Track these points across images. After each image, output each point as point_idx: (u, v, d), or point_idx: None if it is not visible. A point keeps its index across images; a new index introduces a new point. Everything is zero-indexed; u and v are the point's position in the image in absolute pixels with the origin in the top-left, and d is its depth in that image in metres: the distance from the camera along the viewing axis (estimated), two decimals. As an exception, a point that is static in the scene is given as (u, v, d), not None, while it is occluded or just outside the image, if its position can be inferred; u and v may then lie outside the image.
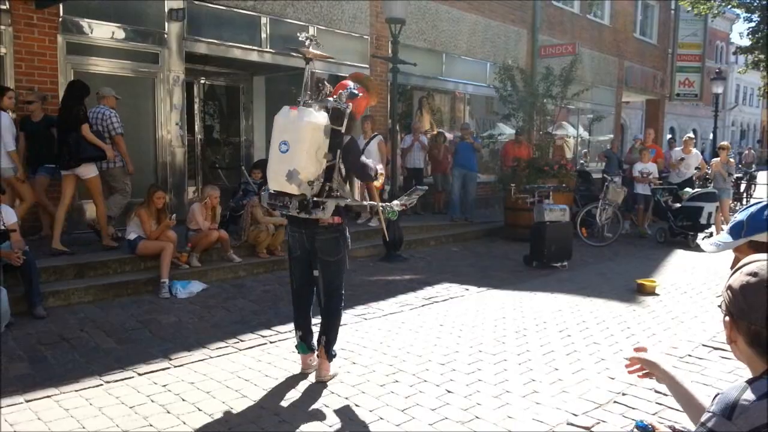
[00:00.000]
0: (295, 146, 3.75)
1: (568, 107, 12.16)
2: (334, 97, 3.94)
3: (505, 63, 11.61)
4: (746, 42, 21.70)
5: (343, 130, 3.91)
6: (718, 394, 1.25)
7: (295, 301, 4.36)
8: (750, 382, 1.22)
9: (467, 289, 6.83)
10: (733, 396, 1.18)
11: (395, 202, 4.47)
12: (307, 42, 4.11)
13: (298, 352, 4.34)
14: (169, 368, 4.30)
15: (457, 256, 9.02)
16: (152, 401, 3.74)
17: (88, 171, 6.71)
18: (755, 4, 20.04)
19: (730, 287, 1.33)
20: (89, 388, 3.91)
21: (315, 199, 3.83)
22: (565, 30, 16.27)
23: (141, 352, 4.60)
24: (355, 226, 9.32)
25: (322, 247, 4.09)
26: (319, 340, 4.22)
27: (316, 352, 4.25)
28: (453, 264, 8.35)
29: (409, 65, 9.86)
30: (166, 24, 8.49)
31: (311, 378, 4.17)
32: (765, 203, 1.68)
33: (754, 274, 1.28)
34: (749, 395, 1.15)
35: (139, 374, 4.16)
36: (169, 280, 6.23)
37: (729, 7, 21.09)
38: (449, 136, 12.37)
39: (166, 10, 8.46)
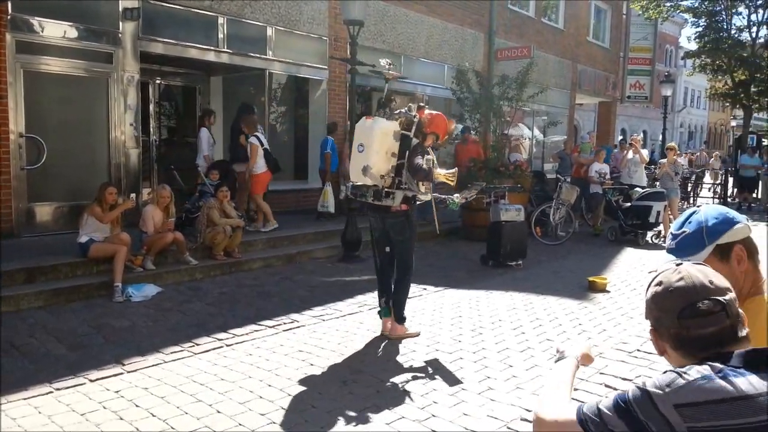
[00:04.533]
0: (369, 148, 4.79)
1: (523, 109, 12.37)
2: (407, 108, 4.97)
3: (460, 66, 11.74)
4: (693, 46, 22.50)
5: (411, 135, 4.88)
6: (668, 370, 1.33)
7: (378, 274, 5.30)
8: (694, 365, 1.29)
9: (425, 289, 6.90)
10: (676, 372, 1.26)
11: (456, 195, 5.37)
12: (388, 67, 5.37)
13: (381, 317, 5.22)
14: (122, 374, 4.24)
15: (415, 256, 9.07)
16: (104, 408, 3.68)
17: (241, 167, 8.97)
18: (702, 9, 20.78)
19: (646, 302, 1.42)
20: (38, 396, 3.82)
21: (386, 189, 4.83)
22: (521, 33, 16.55)
23: (93, 358, 4.52)
24: (314, 227, 9.33)
25: (392, 228, 5.06)
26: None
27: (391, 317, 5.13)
28: (411, 264, 8.41)
29: (367, 67, 9.88)
30: (121, 23, 8.32)
31: (267, 380, 4.17)
32: (693, 212, 1.75)
33: (660, 283, 1.37)
34: (692, 374, 1.23)
35: (91, 380, 4.09)
36: (123, 283, 6.12)
37: (677, 11, 21.81)
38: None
39: (121, 9, 8.29)
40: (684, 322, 1.31)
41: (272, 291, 6.67)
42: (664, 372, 1.29)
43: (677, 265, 1.39)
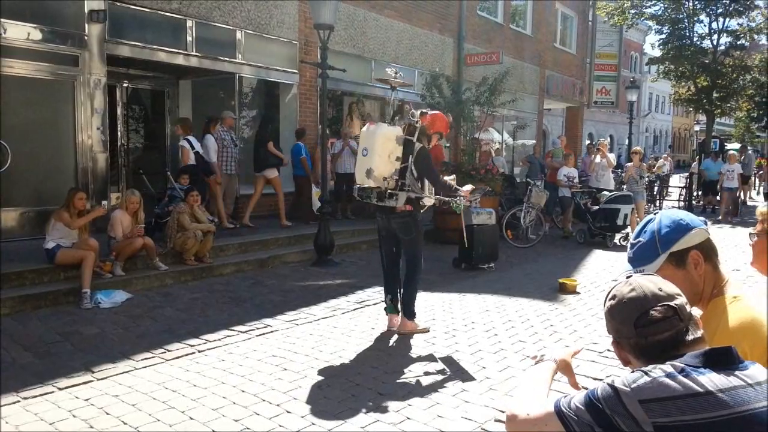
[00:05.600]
0: (372, 151, 5.06)
1: (493, 114, 12.51)
2: (410, 114, 5.23)
3: (432, 71, 11.82)
4: (657, 53, 22.96)
5: (414, 140, 5.14)
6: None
7: (384, 272, 5.52)
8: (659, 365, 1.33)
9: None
10: (642, 371, 1.32)
11: (459, 198, 5.42)
12: (394, 74, 5.68)
13: (387, 314, 5.48)
14: (91, 381, 4.16)
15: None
16: (74, 416, 3.61)
17: (271, 173, 9.62)
18: (665, 16, 21.24)
19: (605, 315, 1.48)
20: (5, 405, 3.73)
21: (389, 191, 5.07)
22: (489, 39, 16.73)
23: (62, 366, 4.42)
24: (286, 231, 9.28)
25: (398, 228, 5.27)
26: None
27: (399, 314, 5.39)
28: (384, 268, 8.42)
29: (338, 71, 9.89)
30: (87, 25, 8.18)
31: (240, 386, 4.14)
32: (649, 220, 1.79)
33: (614, 297, 1.45)
34: (656, 372, 1.29)
35: (60, 389, 4.01)
36: (92, 290, 6.01)
37: (642, 19, 22.27)
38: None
39: (86, 11, 8.16)
40: (641, 330, 1.37)
41: (244, 296, 6.62)
42: (632, 371, 1.35)
43: (627, 277, 1.47)
